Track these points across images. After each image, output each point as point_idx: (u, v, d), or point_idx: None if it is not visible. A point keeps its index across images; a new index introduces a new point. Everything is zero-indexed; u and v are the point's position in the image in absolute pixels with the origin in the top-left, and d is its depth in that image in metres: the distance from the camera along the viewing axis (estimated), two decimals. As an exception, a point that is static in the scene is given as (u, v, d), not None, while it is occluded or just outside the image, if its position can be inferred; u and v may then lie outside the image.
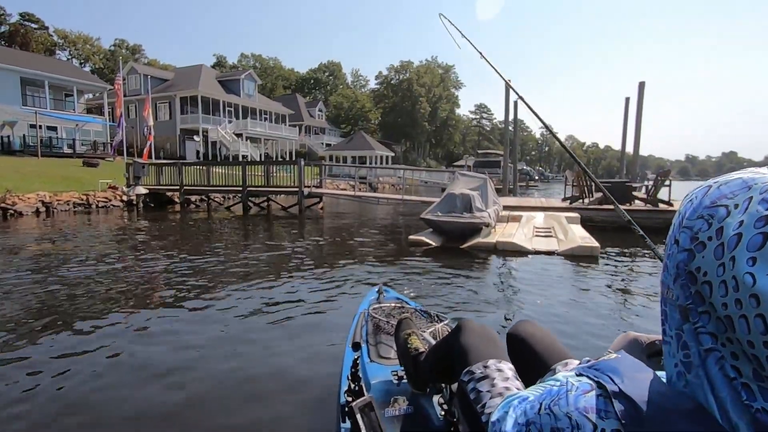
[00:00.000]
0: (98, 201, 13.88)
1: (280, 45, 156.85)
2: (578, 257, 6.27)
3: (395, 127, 57.00)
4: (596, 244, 6.44)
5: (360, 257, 6.49)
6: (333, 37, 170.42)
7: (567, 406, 0.48)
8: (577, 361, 0.99)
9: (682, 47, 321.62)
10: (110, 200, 14.19)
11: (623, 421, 0.43)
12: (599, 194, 10.82)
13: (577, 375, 0.53)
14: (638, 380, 0.47)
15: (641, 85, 14.11)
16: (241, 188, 13.90)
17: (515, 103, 17.12)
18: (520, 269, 5.76)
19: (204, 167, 15.07)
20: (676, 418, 0.43)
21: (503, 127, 20.96)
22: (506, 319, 3.75)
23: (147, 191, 14.55)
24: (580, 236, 7.03)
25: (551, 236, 7.76)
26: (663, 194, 10.50)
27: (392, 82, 60.42)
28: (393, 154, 43.88)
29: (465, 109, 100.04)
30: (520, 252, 6.62)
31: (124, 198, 14.48)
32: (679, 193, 10.63)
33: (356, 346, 1.81)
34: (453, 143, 68.46)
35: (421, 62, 62.19)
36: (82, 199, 13.57)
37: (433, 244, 7.12)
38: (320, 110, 51.84)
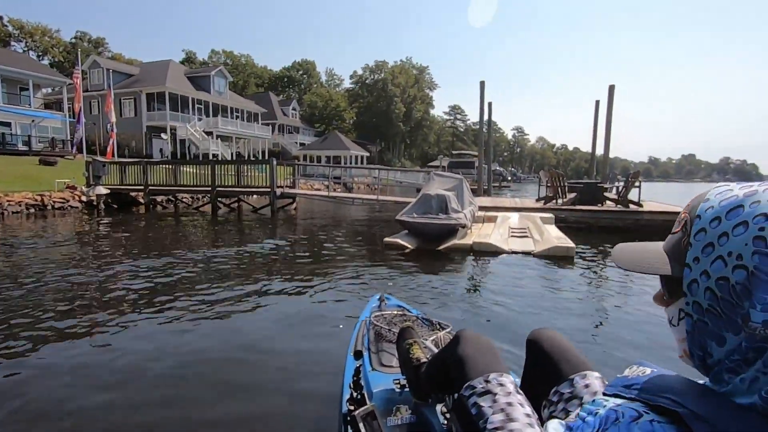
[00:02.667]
0: (54, 202, 13.04)
1: (252, 42, 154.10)
2: (554, 258, 6.25)
3: (370, 127, 56.76)
4: (572, 244, 6.43)
5: (334, 261, 6.25)
6: (307, 35, 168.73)
7: None
8: (597, 373, 0.99)
9: (647, 55, 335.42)
10: (68, 201, 13.36)
11: None
12: (572, 195, 10.96)
13: (611, 396, 0.49)
14: (702, 397, 0.44)
15: (611, 89, 14.41)
16: (210, 188, 13.38)
17: (489, 104, 17.25)
18: (498, 271, 5.67)
19: (171, 166, 14.46)
20: None
21: (477, 129, 21.12)
22: (487, 321, 3.63)
23: (108, 191, 13.79)
24: (556, 236, 7.03)
25: (527, 236, 7.75)
26: (633, 195, 10.70)
27: (367, 81, 60.15)
28: (368, 154, 43.67)
29: (439, 110, 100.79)
30: (497, 253, 6.54)
31: (84, 199, 13.68)
32: (647, 195, 10.91)
33: (358, 355, 1.78)
34: (427, 144, 68.83)
35: (396, 62, 62.25)
36: (36, 200, 12.70)
37: (409, 246, 6.96)
38: (294, 109, 51.03)
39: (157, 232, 9.59)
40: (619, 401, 0.48)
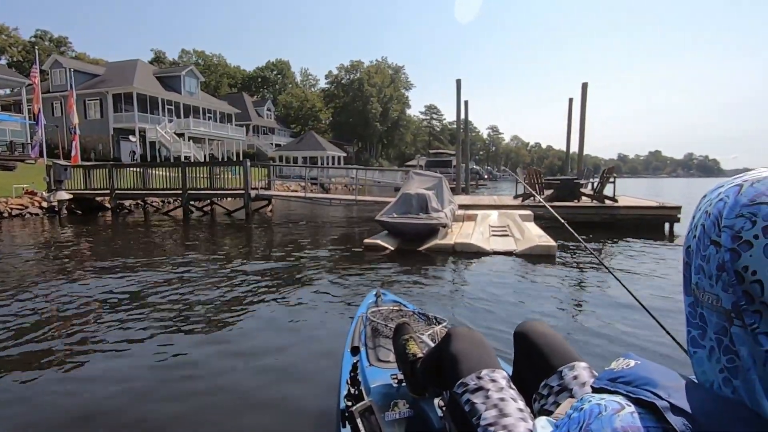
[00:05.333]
0: (12, 209, 12.26)
1: (224, 42, 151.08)
2: (536, 257, 6.19)
3: (347, 127, 56.34)
4: (553, 243, 6.40)
5: (312, 264, 6.02)
6: (281, 35, 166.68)
7: (602, 429, 0.45)
8: (584, 364, 0.98)
9: (615, 53, 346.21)
10: (27, 207, 12.61)
11: None
12: (549, 192, 11.02)
13: (597, 390, 0.51)
14: (682, 390, 0.46)
15: (584, 86, 14.64)
16: (181, 191, 12.88)
17: (466, 102, 17.29)
18: (481, 271, 5.56)
19: (140, 169, 13.87)
20: (740, 428, 0.41)
21: (453, 128, 21.16)
22: (471, 323, 3.48)
23: (71, 197, 13.09)
24: (537, 235, 6.99)
25: (508, 235, 7.69)
26: (608, 191, 10.84)
27: (343, 81, 59.69)
28: (345, 155, 43.32)
29: (415, 109, 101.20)
30: (479, 253, 6.45)
31: (44, 205, 12.94)
32: (619, 190, 11.08)
33: (355, 350, 1.80)
34: (404, 143, 68.91)
35: (371, 62, 62.04)
36: (-9, 207, 11.95)
37: (390, 247, 6.79)
38: (269, 110, 50.15)
39: (125, 238, 9.11)
40: (604, 396, 0.49)
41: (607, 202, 10.36)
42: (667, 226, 9.26)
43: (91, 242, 8.42)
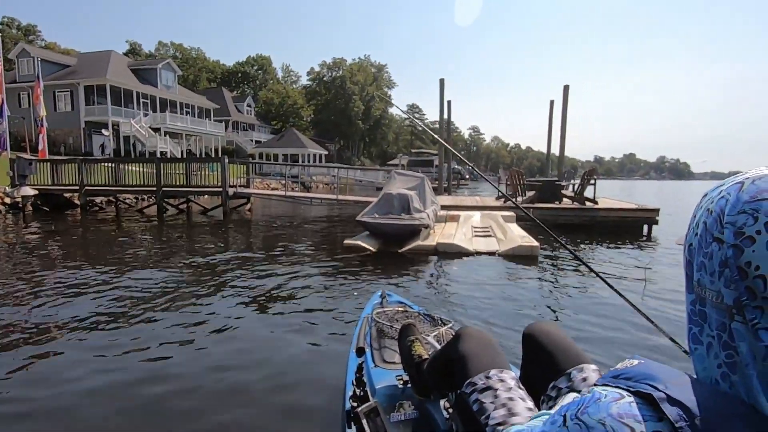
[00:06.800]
0: (-28, 205, 11.62)
1: (203, 35, 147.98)
2: (519, 257, 6.14)
3: (329, 124, 55.78)
4: (536, 243, 6.36)
5: (291, 265, 5.80)
6: (262, 29, 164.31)
7: (598, 413, 0.46)
8: (593, 366, 0.98)
9: (593, 60, 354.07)
10: (-12, 203, 11.96)
11: (678, 425, 0.42)
12: (531, 193, 11.06)
13: (601, 386, 0.51)
14: (681, 385, 0.46)
15: (566, 89, 14.78)
16: (155, 188, 12.42)
17: (448, 102, 17.26)
18: (463, 272, 5.46)
19: (112, 164, 13.32)
20: (731, 419, 0.42)
21: (435, 127, 21.15)
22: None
23: (36, 192, 12.47)
24: (520, 235, 6.95)
25: (490, 236, 7.64)
26: (588, 192, 10.95)
27: (325, 79, 59.09)
28: (326, 153, 42.94)
29: (397, 108, 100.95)
30: (462, 254, 6.36)
31: (7, 201, 12.27)
32: (598, 192, 11.21)
33: (360, 351, 1.78)
34: (387, 142, 68.76)
35: (354, 60, 61.61)
36: (-51, 203, 11.27)
37: (371, 248, 6.63)
38: (249, 105, 49.21)
39: (93, 235, 8.68)
40: (607, 388, 0.50)
41: (588, 204, 10.45)
42: (645, 227, 9.40)
43: (56, 241, 7.98)
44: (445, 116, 16.98)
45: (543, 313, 3.94)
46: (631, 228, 9.36)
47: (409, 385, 1.47)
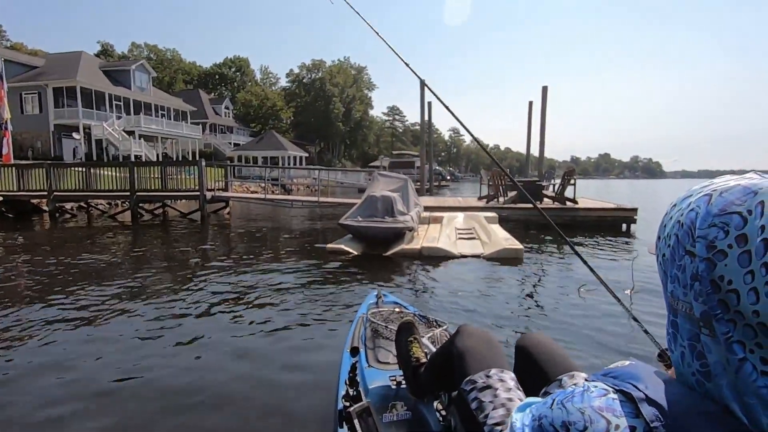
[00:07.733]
0: (-70, 212, 10.98)
1: (179, 36, 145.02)
2: (503, 260, 6.12)
3: (309, 127, 55.28)
4: (520, 245, 6.35)
5: (272, 272, 5.63)
6: (239, 30, 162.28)
7: (581, 403, 0.49)
8: (584, 374, 1.00)
9: (570, 63, 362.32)
10: (-52, 211, 11.33)
11: (653, 425, 0.44)
12: (513, 193, 11.12)
13: (591, 381, 0.53)
14: (661, 386, 0.48)
15: (544, 90, 14.97)
16: (129, 193, 12.00)
17: (429, 103, 17.27)
18: (449, 276, 5.39)
19: (83, 169, 12.79)
20: (704, 420, 0.43)
21: (416, 129, 21.11)
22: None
23: (0, 198, 11.89)
24: (504, 238, 6.93)
25: (474, 238, 7.61)
26: (568, 192, 11.07)
27: (304, 80, 58.60)
28: (307, 155, 42.51)
29: (378, 110, 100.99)
30: (447, 257, 6.29)
31: (-31, 208, 11.68)
32: (580, 192, 11.36)
33: (354, 351, 1.79)
34: (367, 144, 68.61)
35: (333, 62, 61.31)
36: None
37: (354, 252, 6.51)
38: (227, 108, 48.39)
39: (64, 245, 8.29)
40: (596, 383, 0.51)
41: (568, 203, 10.57)
42: (624, 226, 9.55)
43: (19, 248, 7.58)
44: (426, 118, 16.99)
45: (530, 315, 3.90)
46: (610, 227, 9.50)
47: (402, 386, 1.47)
